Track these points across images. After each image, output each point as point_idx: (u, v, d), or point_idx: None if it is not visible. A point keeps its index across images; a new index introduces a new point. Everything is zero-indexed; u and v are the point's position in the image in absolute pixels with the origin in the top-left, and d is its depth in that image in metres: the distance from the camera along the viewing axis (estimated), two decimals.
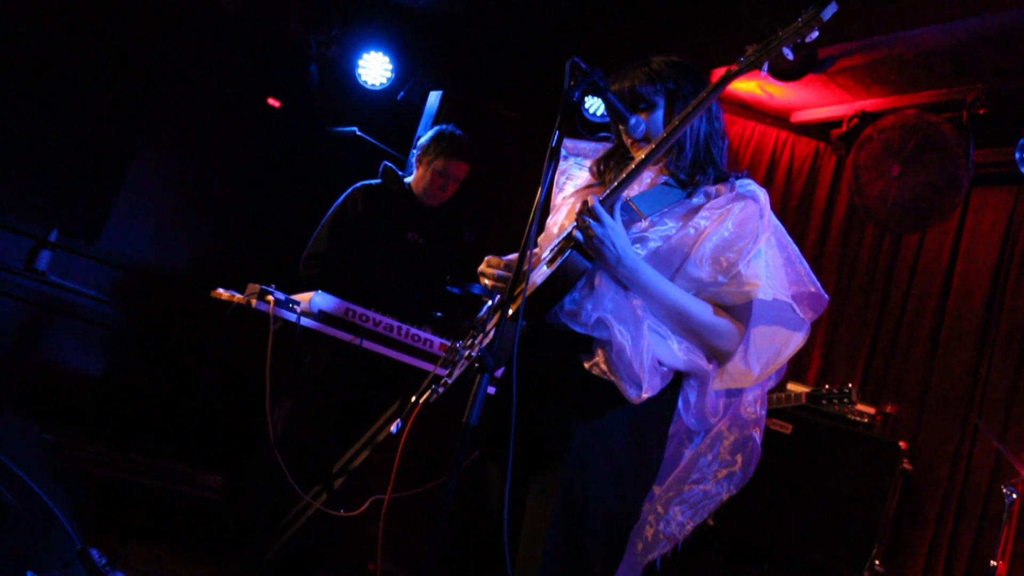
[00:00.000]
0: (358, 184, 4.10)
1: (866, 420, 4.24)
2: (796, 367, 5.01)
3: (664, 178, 2.18)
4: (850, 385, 4.01)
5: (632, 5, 5.07)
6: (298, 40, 5.56)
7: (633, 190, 2.14)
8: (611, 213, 2.01)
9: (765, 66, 1.95)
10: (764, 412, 2.20)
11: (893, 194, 4.82)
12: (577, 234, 2.00)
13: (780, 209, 5.36)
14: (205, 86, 5.53)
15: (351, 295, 3.49)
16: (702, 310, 2.04)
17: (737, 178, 2.15)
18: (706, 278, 2.03)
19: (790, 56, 1.93)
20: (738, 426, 2.17)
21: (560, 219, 2.27)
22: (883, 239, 5.14)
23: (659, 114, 2.17)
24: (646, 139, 2.17)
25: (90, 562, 2.79)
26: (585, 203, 2.00)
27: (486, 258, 2.27)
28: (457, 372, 2.21)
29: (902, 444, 4.10)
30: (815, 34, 1.90)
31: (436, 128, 4.16)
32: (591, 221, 1.98)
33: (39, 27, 4.94)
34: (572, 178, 2.36)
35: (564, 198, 2.32)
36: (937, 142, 4.71)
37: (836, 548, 3.91)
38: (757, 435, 2.18)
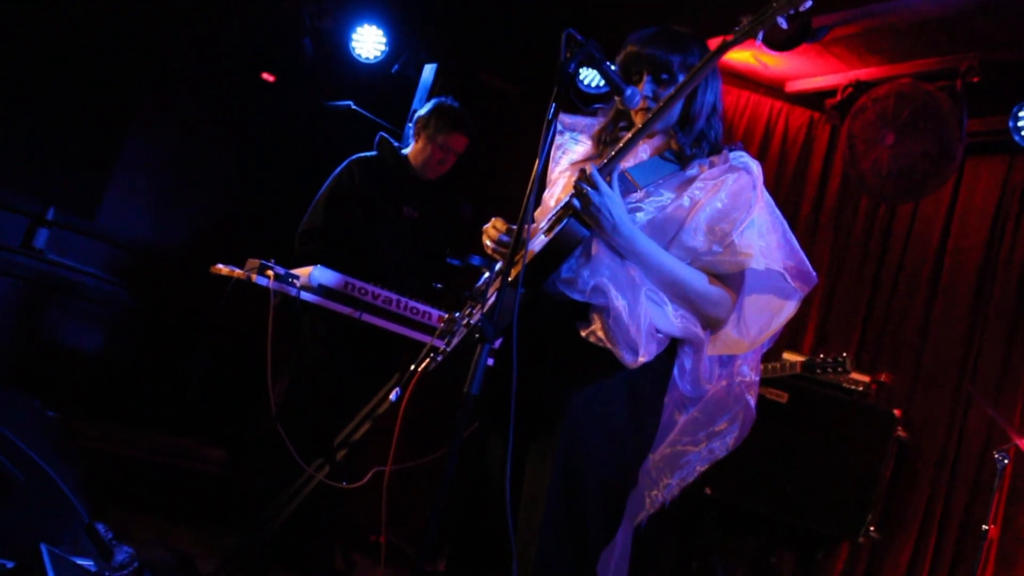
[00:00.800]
0: (353, 156, 4.09)
1: (861, 389, 4.29)
2: (792, 336, 5.05)
3: (660, 150, 2.20)
4: (844, 354, 4.04)
5: None
6: (291, 14, 5.53)
7: (629, 162, 2.16)
8: (609, 182, 2.03)
9: (760, 35, 1.96)
10: (757, 378, 2.24)
11: (887, 163, 4.83)
12: (575, 201, 2.02)
13: (775, 179, 5.37)
14: (199, 61, 5.51)
15: (348, 268, 3.50)
16: (697, 279, 2.07)
17: (731, 150, 2.17)
18: (701, 247, 2.06)
19: (784, 25, 1.94)
20: (732, 392, 2.20)
21: (557, 192, 2.29)
22: (878, 208, 5.16)
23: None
24: (646, 109, 2.17)
25: (97, 537, 2.83)
26: (583, 171, 2.01)
27: (493, 219, 2.28)
28: (455, 341, 2.24)
29: (897, 412, 4.14)
30: (809, 3, 1.91)
31: (434, 100, 4.15)
32: (588, 189, 2.00)
33: (32, 4, 4.92)
34: (568, 152, 2.38)
35: (560, 172, 2.34)
36: (931, 111, 4.72)
37: (832, 515, 3.97)
38: (751, 398, 2.22)
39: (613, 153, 2.06)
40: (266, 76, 5.71)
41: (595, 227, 2.03)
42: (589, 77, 5.32)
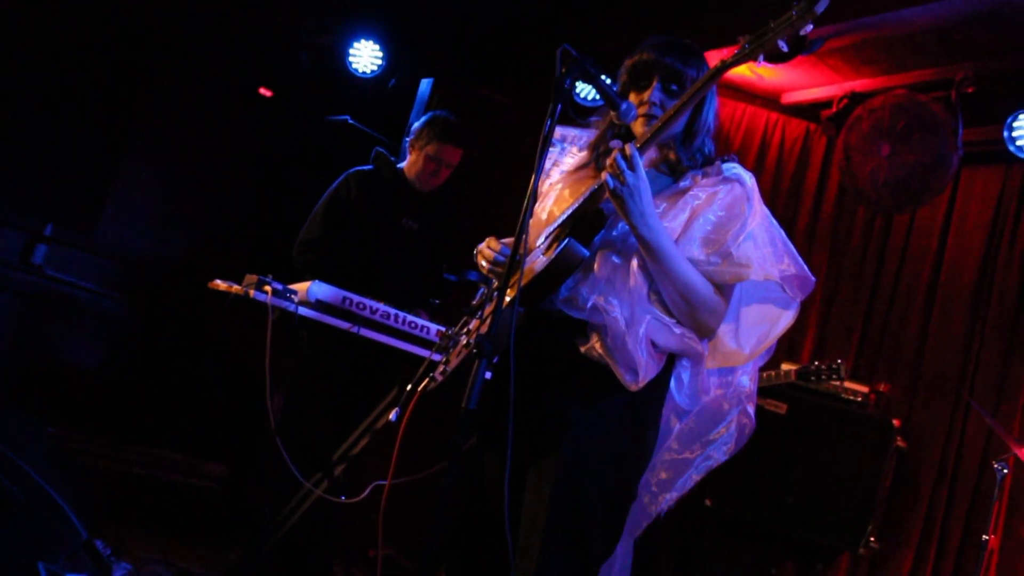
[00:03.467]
0: (351, 170, 4.11)
1: (859, 399, 4.29)
2: (790, 346, 5.05)
3: (656, 164, 2.20)
4: (839, 361, 4.04)
5: None
6: (288, 29, 5.55)
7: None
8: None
9: (760, 57, 1.96)
10: (755, 388, 2.24)
11: (883, 174, 4.85)
12: (608, 178, 1.97)
13: (771, 190, 5.38)
14: (196, 76, 5.53)
15: (345, 281, 3.51)
16: (703, 284, 2.05)
17: (724, 161, 2.17)
18: (699, 258, 2.06)
19: (784, 48, 1.93)
20: (728, 399, 2.20)
21: (548, 205, 2.28)
22: (874, 219, 5.17)
23: (657, 91, 2.16)
24: (651, 117, 2.15)
25: (95, 553, 2.83)
26: (623, 149, 1.97)
27: (487, 239, 2.27)
28: (455, 362, 2.24)
29: (895, 422, 4.15)
30: (810, 26, 1.89)
31: (429, 113, 4.17)
32: (625, 168, 1.95)
33: (30, 20, 4.93)
34: (559, 164, 2.37)
35: (551, 184, 2.33)
36: (926, 121, 4.74)
37: (832, 526, 3.96)
38: (751, 408, 2.21)
39: (640, 144, 2.02)
40: (263, 91, 5.73)
41: (620, 209, 1.98)
42: (586, 90, 5.34)
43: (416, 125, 4.14)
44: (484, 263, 2.24)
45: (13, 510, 2.67)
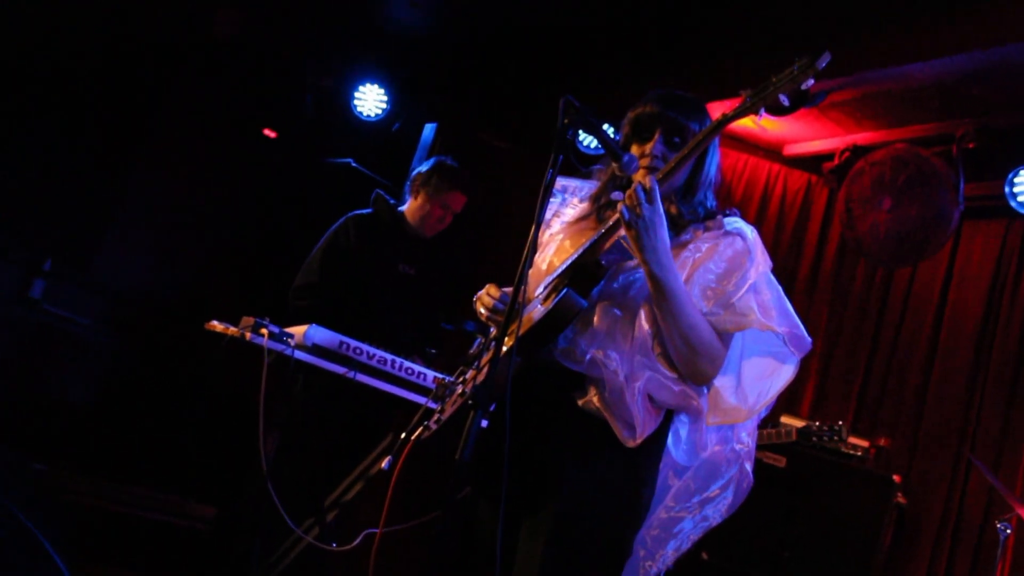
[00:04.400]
0: (350, 214, 4.11)
1: (859, 453, 4.24)
2: (790, 399, 5.01)
3: None
4: (840, 423, 4.01)
5: (620, 37, 5.13)
6: (293, 71, 5.60)
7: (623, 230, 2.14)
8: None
9: (762, 111, 1.96)
10: (754, 444, 2.21)
11: (884, 227, 4.85)
12: (624, 210, 1.95)
13: (773, 242, 5.38)
14: (200, 115, 5.56)
15: (342, 325, 3.49)
16: (708, 329, 2.03)
17: (725, 215, 2.16)
18: (703, 309, 2.04)
19: (786, 103, 1.93)
20: (726, 456, 2.17)
21: (548, 255, 2.26)
22: (875, 272, 5.16)
23: (659, 144, 2.16)
24: (653, 170, 2.14)
25: None
26: (643, 181, 1.95)
27: (487, 286, 2.25)
28: (450, 410, 2.21)
29: (896, 478, 4.10)
30: (811, 81, 1.89)
31: (434, 159, 4.18)
32: (644, 200, 1.93)
33: (33, 54, 4.97)
34: (559, 215, 2.36)
35: (551, 235, 2.32)
36: (928, 176, 4.75)
37: None
38: (749, 465, 2.18)
39: (660, 175, 2.01)
40: (268, 132, 5.76)
41: (633, 244, 1.95)
42: (588, 139, 5.36)
43: (420, 169, 4.14)
44: (483, 310, 2.22)
45: None
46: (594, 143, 5.35)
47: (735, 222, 2.14)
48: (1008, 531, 3.55)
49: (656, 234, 1.93)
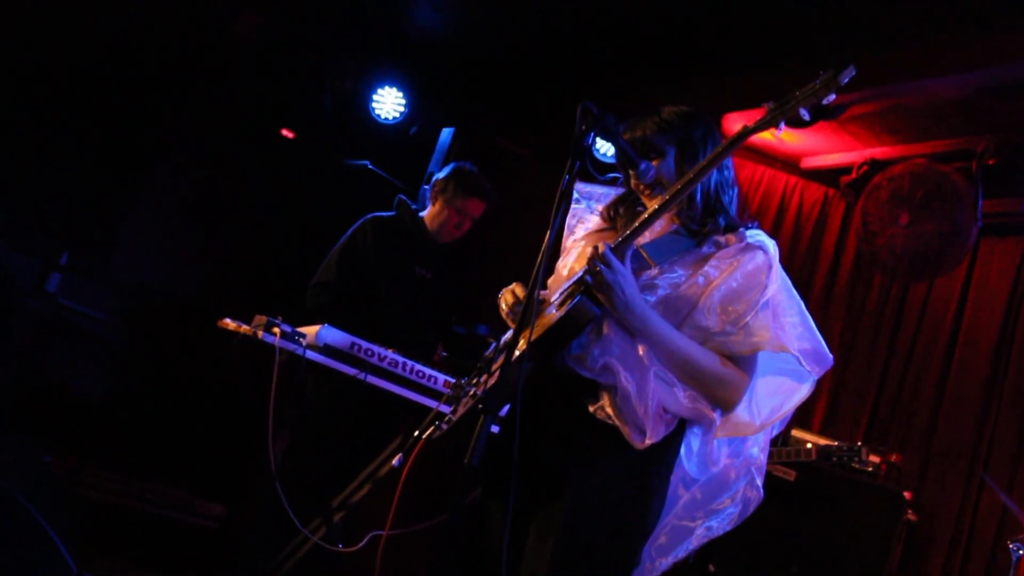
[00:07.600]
0: (370, 215, 4.12)
1: (870, 469, 4.21)
2: (802, 413, 4.98)
3: (675, 226, 2.18)
4: (860, 444, 3.97)
5: (640, 45, 5.12)
6: (313, 72, 5.62)
7: (644, 237, 2.14)
8: (622, 260, 2.01)
9: (781, 124, 1.95)
10: (765, 459, 2.19)
11: (901, 242, 4.82)
12: (588, 278, 2.00)
13: (788, 254, 5.36)
14: (219, 114, 5.59)
15: (356, 326, 3.49)
16: (708, 359, 2.03)
17: (747, 228, 2.15)
18: (714, 328, 2.03)
19: (807, 117, 1.92)
20: (736, 469, 2.16)
21: (570, 262, 2.27)
22: (891, 287, 5.13)
23: (670, 160, 2.17)
24: (658, 184, 2.16)
25: None
26: (596, 249, 2.00)
27: (513, 284, 2.26)
28: (461, 411, 2.21)
29: (906, 495, 4.06)
30: (832, 96, 1.89)
31: (453, 165, 4.18)
32: (602, 267, 1.97)
33: (55, 51, 5.01)
34: (583, 221, 2.36)
35: (575, 241, 2.33)
36: (946, 191, 4.72)
37: None
38: (759, 479, 2.17)
39: (628, 232, 2.05)
40: (286, 132, 5.79)
41: (607, 304, 2.00)
42: (605, 147, 5.36)
43: (439, 175, 4.15)
44: (504, 307, 2.23)
45: (3, 542, 2.63)
46: (611, 151, 5.35)
47: (757, 235, 2.13)
48: (1021, 552, 3.52)
49: (623, 291, 1.97)
